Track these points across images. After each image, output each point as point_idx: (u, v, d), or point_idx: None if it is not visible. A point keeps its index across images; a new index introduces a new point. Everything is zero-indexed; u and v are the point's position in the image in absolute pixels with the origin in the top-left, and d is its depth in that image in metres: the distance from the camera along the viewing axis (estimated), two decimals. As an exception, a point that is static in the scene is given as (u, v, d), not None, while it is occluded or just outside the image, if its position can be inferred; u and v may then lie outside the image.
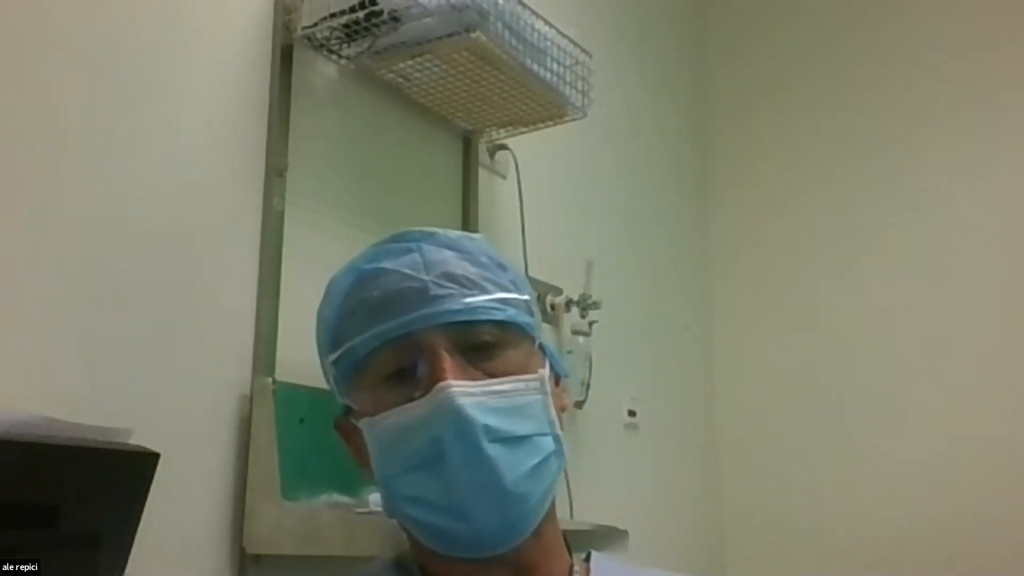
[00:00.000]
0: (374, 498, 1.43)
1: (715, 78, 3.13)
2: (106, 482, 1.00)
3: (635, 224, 2.62)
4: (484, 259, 0.83)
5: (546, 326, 2.04)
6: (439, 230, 0.85)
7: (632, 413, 2.45)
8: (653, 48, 2.88)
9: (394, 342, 0.78)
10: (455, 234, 0.85)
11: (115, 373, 1.25)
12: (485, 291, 0.80)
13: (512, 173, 2.03)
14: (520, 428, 0.77)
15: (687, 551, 2.63)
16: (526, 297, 0.84)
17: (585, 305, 2.17)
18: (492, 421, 0.75)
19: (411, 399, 0.77)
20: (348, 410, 0.85)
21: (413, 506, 0.78)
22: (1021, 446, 2.47)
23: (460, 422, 0.74)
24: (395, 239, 0.84)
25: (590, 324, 2.17)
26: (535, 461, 0.78)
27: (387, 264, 0.81)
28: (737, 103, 3.08)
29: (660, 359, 2.66)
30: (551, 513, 0.83)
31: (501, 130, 1.95)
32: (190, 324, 1.36)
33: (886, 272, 2.72)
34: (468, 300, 0.79)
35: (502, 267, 0.84)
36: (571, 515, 1.83)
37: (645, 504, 2.42)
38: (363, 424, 0.80)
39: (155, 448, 1.03)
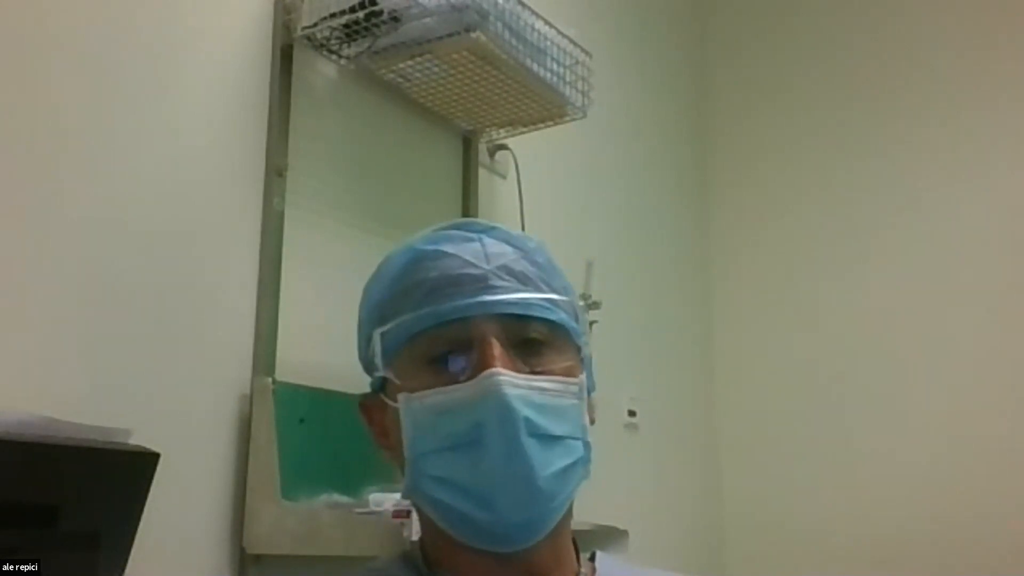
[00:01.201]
0: (374, 498, 1.43)
1: (715, 78, 3.13)
2: (106, 482, 1.00)
3: (635, 224, 2.62)
4: (541, 260, 0.85)
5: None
6: (501, 225, 0.87)
7: (632, 413, 2.45)
8: (653, 48, 2.88)
9: (447, 325, 0.78)
10: (516, 232, 0.86)
11: (115, 373, 1.25)
12: (540, 291, 0.82)
13: (512, 173, 2.03)
14: (557, 428, 0.78)
15: (687, 551, 2.63)
16: (580, 303, 0.86)
17: (585, 305, 2.17)
18: (533, 415, 0.76)
19: (455, 382, 0.78)
20: (379, 388, 0.84)
21: (439, 487, 0.78)
22: (1021, 446, 2.47)
23: (504, 410, 0.75)
24: (457, 227, 0.85)
25: (590, 324, 2.17)
26: (567, 462, 0.78)
27: (448, 248, 0.82)
28: (737, 103, 3.08)
29: (660, 359, 2.66)
30: (567, 518, 0.83)
31: (501, 130, 1.95)
32: (190, 324, 1.36)
33: (886, 272, 2.72)
34: (525, 295, 0.80)
35: (557, 272, 0.86)
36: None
37: (645, 504, 2.42)
38: (401, 399, 0.80)
39: (155, 448, 1.03)
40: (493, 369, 0.76)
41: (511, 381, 0.76)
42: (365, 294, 0.87)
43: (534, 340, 0.80)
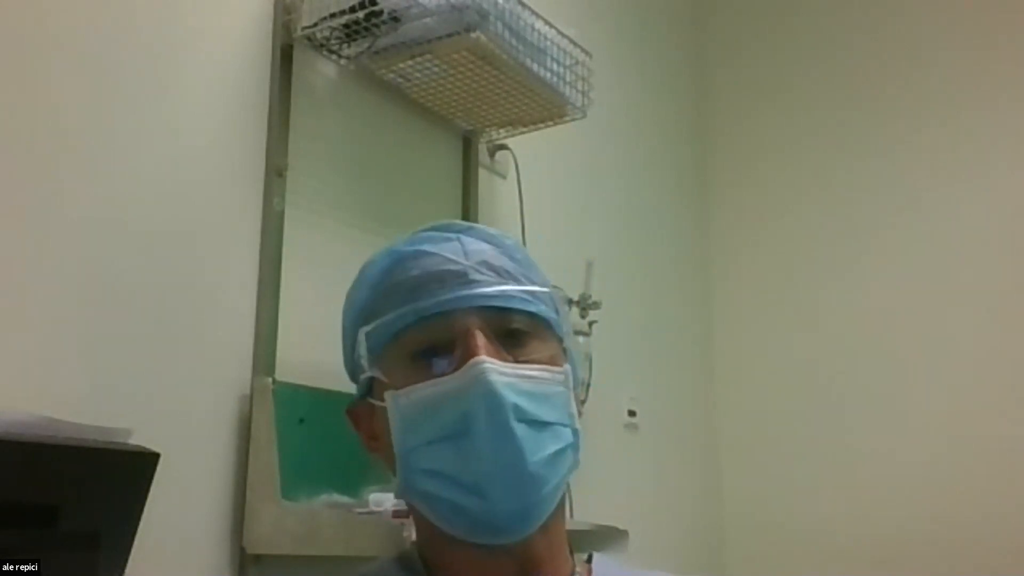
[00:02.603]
0: (374, 498, 1.43)
1: (715, 78, 3.13)
2: (106, 482, 1.00)
3: (635, 224, 2.62)
4: (519, 256, 0.86)
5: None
6: (478, 225, 0.89)
7: (632, 413, 2.45)
8: (653, 48, 2.88)
9: (430, 319, 0.80)
10: (493, 231, 0.88)
11: (115, 373, 1.25)
12: (520, 283, 0.83)
13: (512, 173, 2.03)
14: (545, 414, 0.79)
15: (687, 551, 2.63)
16: (562, 293, 0.88)
17: (585, 305, 2.17)
18: (522, 402, 0.77)
19: (442, 376, 0.78)
20: (366, 392, 0.84)
21: (431, 480, 0.78)
22: (1021, 446, 2.47)
23: (491, 398, 0.75)
24: (436, 228, 0.87)
25: (590, 324, 2.17)
26: (557, 447, 0.79)
27: (428, 247, 0.83)
28: (737, 103, 3.08)
29: (660, 359, 2.66)
30: (560, 511, 0.83)
31: (501, 130, 1.95)
32: (190, 324, 1.36)
33: (886, 272, 2.72)
34: (505, 288, 0.81)
35: (535, 267, 0.87)
36: (571, 515, 1.82)
37: (645, 504, 2.42)
38: (388, 396, 0.80)
39: (155, 448, 1.03)
40: (479, 358, 0.76)
41: (497, 369, 0.76)
42: (348, 300, 0.88)
43: (517, 330, 0.81)
